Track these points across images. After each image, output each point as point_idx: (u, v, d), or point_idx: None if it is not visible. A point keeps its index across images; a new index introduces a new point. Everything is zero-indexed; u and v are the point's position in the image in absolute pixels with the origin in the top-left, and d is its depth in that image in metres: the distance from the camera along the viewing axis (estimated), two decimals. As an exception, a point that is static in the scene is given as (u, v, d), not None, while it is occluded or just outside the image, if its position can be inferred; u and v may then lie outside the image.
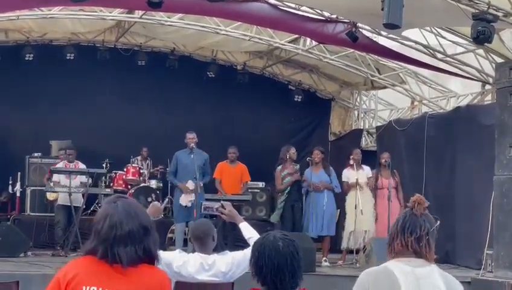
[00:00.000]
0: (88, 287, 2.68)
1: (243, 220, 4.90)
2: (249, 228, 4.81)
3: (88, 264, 2.74)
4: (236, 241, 9.03)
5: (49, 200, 11.74)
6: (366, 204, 10.79)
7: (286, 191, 10.92)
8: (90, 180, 11.07)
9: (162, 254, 4.70)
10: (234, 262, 4.75)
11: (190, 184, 10.41)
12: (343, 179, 11.06)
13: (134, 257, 2.73)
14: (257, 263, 2.85)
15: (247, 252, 4.57)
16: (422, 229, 3.10)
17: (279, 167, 11.06)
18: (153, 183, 13.24)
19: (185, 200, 10.66)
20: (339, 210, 11.51)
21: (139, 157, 13.57)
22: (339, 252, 11.33)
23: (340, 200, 11.26)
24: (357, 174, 10.92)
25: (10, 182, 12.92)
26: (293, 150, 11.15)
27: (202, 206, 5.28)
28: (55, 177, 11.34)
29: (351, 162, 11.08)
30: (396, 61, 12.78)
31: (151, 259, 2.81)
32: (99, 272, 2.72)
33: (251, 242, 4.55)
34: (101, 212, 2.83)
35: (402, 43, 11.43)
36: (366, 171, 11.06)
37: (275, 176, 11.10)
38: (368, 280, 3.11)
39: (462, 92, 13.19)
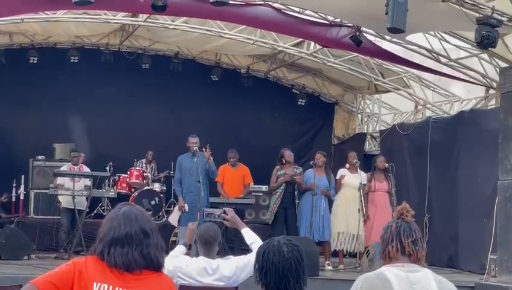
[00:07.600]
0: (99, 284, 2.72)
1: (245, 225, 4.90)
2: (251, 233, 4.81)
3: (96, 264, 2.78)
4: (243, 245, 9.02)
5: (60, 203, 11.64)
6: (352, 207, 10.77)
7: (279, 192, 10.89)
8: (90, 182, 11.03)
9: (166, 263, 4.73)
10: (238, 267, 4.76)
11: (186, 207, 10.44)
12: (336, 176, 11.05)
13: (131, 260, 2.76)
14: (261, 269, 2.84)
15: (250, 257, 4.58)
16: (417, 233, 3.23)
17: (277, 167, 11.08)
18: (157, 187, 13.25)
19: (174, 217, 10.80)
20: None
21: (143, 160, 13.57)
22: (336, 255, 11.26)
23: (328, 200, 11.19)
24: (351, 177, 10.89)
25: (14, 185, 12.95)
26: (287, 153, 11.11)
27: (204, 213, 5.28)
28: (59, 180, 11.35)
29: (347, 165, 11.11)
30: (400, 66, 12.78)
31: (154, 265, 2.82)
32: (107, 272, 2.75)
33: (253, 247, 4.55)
34: (106, 217, 2.94)
35: (406, 48, 11.43)
36: (362, 176, 11.00)
37: (272, 174, 11.09)
38: (363, 285, 3.15)
39: (465, 96, 13.18)
